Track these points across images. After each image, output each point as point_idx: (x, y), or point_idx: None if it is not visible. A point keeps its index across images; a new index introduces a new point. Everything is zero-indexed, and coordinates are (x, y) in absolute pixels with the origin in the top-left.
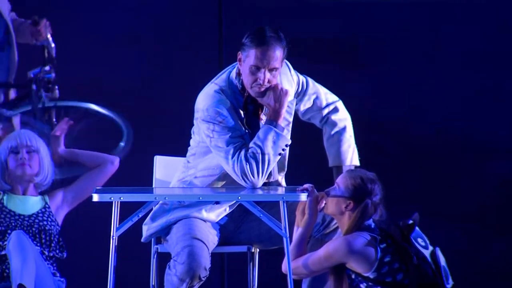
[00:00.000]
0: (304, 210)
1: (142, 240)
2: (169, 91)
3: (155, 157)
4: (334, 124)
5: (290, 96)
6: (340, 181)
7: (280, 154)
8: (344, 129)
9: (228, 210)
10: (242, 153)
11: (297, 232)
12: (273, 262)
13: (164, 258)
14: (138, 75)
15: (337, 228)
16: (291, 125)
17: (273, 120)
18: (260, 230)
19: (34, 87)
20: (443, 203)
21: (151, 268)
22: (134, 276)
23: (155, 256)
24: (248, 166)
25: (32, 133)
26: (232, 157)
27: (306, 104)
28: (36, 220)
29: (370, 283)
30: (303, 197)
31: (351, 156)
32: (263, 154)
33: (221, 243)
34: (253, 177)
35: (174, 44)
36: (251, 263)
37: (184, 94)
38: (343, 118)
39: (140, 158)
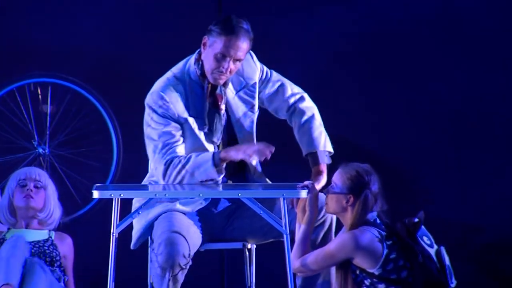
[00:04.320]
0: (304, 208)
1: (132, 247)
2: None
3: None
4: (303, 112)
5: (252, 81)
6: (336, 178)
7: (201, 181)
8: (313, 116)
9: (204, 204)
10: (168, 153)
11: (299, 229)
12: (270, 259)
13: None
14: (136, 71)
15: (324, 222)
16: (255, 108)
17: (222, 157)
18: (252, 227)
19: None
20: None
21: (149, 266)
22: (133, 273)
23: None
24: (166, 169)
25: (42, 171)
26: (159, 153)
27: (270, 90)
28: (37, 245)
29: (374, 279)
30: (304, 193)
31: (323, 141)
32: (183, 167)
33: (214, 239)
34: (164, 180)
35: (171, 41)
36: (248, 260)
37: None
38: (310, 106)
39: (136, 157)
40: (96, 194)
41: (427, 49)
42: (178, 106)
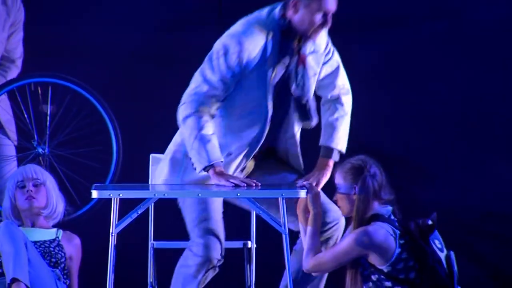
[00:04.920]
0: (305, 208)
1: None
2: (166, 88)
3: (151, 155)
4: (342, 106)
5: (321, 49)
6: (337, 179)
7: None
8: (347, 114)
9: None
10: (203, 104)
11: (307, 230)
12: (270, 259)
13: (161, 254)
14: (133, 72)
15: (329, 239)
16: (316, 76)
17: (216, 171)
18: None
19: None
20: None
21: (149, 265)
22: (133, 272)
23: (152, 252)
24: (187, 117)
25: (37, 166)
26: (196, 95)
27: (328, 68)
28: (43, 246)
29: (382, 276)
30: (303, 193)
31: (343, 142)
32: (192, 134)
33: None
34: (179, 118)
35: (171, 41)
36: (248, 259)
37: (181, 91)
38: (350, 103)
39: (136, 157)
40: (95, 194)
41: (427, 49)
42: (253, 54)
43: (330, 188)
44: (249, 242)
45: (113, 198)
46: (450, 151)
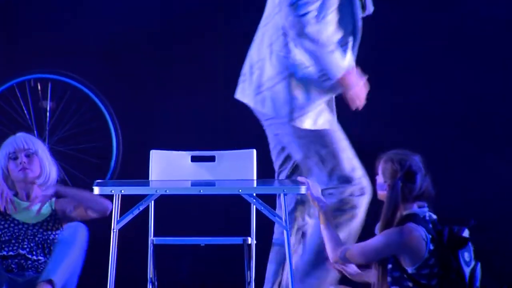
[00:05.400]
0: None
1: None
2: (166, 84)
3: (151, 151)
4: None
5: None
6: (378, 167)
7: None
8: None
9: None
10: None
11: (321, 227)
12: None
13: (161, 250)
14: (132, 68)
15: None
16: None
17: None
18: None
19: None
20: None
21: (149, 260)
22: (133, 268)
23: (152, 248)
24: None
25: (28, 135)
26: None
27: None
28: (40, 230)
29: (404, 275)
30: (303, 189)
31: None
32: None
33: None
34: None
35: (171, 38)
36: (248, 255)
37: (183, 89)
38: None
39: (136, 153)
40: (97, 190)
41: (427, 49)
42: None
43: None
44: (249, 238)
45: (115, 195)
46: (450, 151)
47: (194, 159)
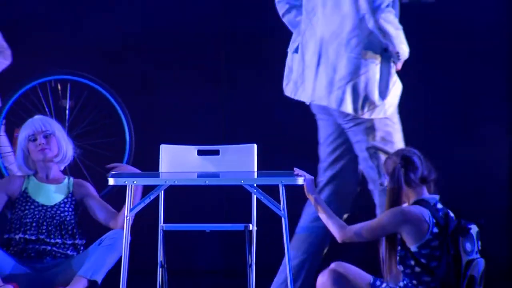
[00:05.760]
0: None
1: None
2: (176, 85)
3: (161, 146)
4: None
5: None
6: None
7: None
8: None
9: None
10: None
11: (321, 217)
12: (270, 241)
13: (170, 236)
14: (144, 69)
15: None
16: None
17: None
18: None
19: None
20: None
21: (159, 245)
22: (145, 252)
23: (162, 234)
24: None
25: (45, 117)
26: None
27: None
28: (58, 211)
29: (408, 254)
30: (300, 180)
31: None
32: None
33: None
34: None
35: (181, 39)
36: (249, 240)
37: (190, 89)
38: None
39: (147, 147)
40: (111, 181)
41: (427, 49)
42: None
43: None
44: (250, 225)
45: (128, 185)
46: (449, 151)
47: (200, 152)
